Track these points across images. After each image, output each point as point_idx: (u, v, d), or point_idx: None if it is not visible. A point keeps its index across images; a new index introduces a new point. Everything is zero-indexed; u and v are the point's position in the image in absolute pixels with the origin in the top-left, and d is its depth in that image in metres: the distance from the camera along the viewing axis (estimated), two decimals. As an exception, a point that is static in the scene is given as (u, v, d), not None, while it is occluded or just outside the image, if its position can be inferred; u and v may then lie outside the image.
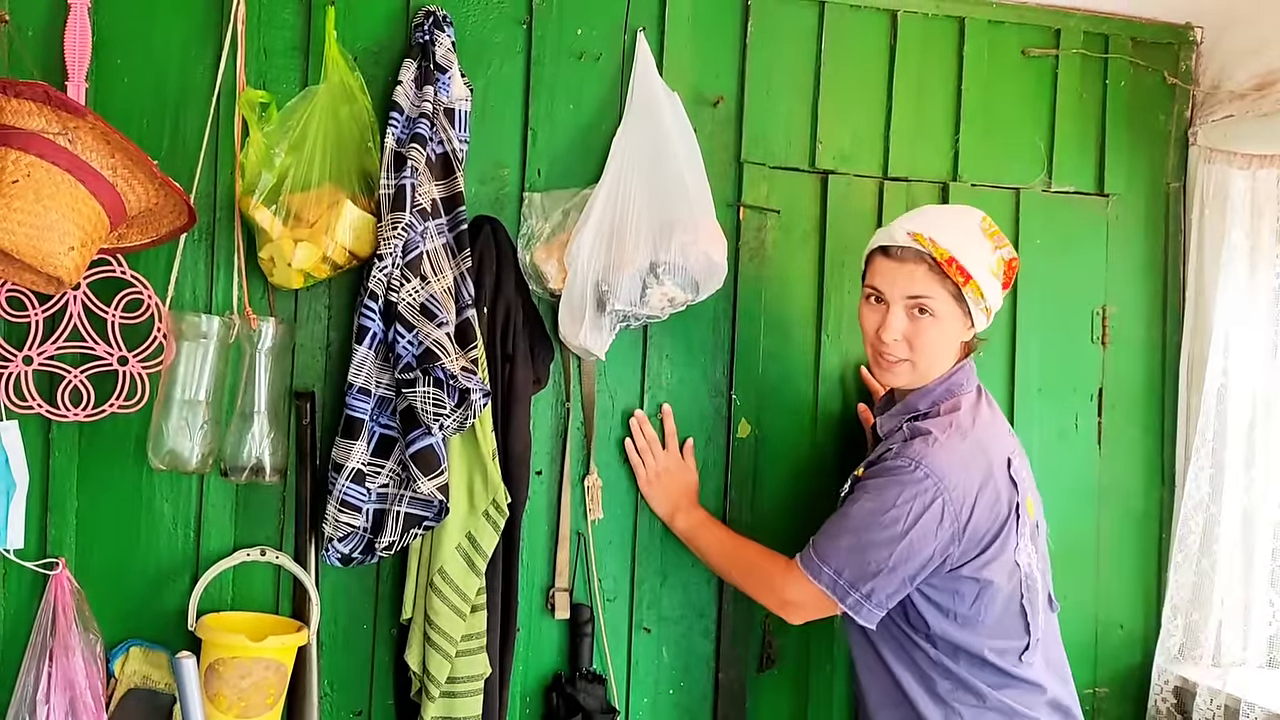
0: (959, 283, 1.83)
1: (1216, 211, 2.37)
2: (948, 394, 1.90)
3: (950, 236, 1.83)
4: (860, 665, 1.98)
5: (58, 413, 1.90)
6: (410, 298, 1.87)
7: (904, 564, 1.78)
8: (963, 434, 1.84)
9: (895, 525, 1.78)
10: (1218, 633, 2.36)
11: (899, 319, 1.86)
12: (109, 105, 1.93)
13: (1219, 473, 2.35)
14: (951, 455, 1.81)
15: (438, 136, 1.96)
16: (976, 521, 1.80)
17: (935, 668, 1.88)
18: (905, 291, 1.85)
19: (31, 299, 1.89)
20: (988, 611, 1.84)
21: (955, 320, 1.87)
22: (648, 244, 2.02)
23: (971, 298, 1.84)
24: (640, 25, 2.15)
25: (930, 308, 1.84)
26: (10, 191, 1.64)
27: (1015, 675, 1.87)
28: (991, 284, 1.86)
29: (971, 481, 1.81)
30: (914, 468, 1.80)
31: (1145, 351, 2.42)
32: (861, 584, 1.81)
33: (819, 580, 1.84)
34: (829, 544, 1.85)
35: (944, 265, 1.82)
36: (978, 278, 1.83)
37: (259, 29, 2.00)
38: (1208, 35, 2.43)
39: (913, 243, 1.83)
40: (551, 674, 2.15)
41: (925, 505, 1.77)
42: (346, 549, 1.92)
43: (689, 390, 2.20)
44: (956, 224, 1.86)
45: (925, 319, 1.85)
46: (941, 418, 1.86)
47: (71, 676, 1.85)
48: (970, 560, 1.81)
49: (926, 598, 1.85)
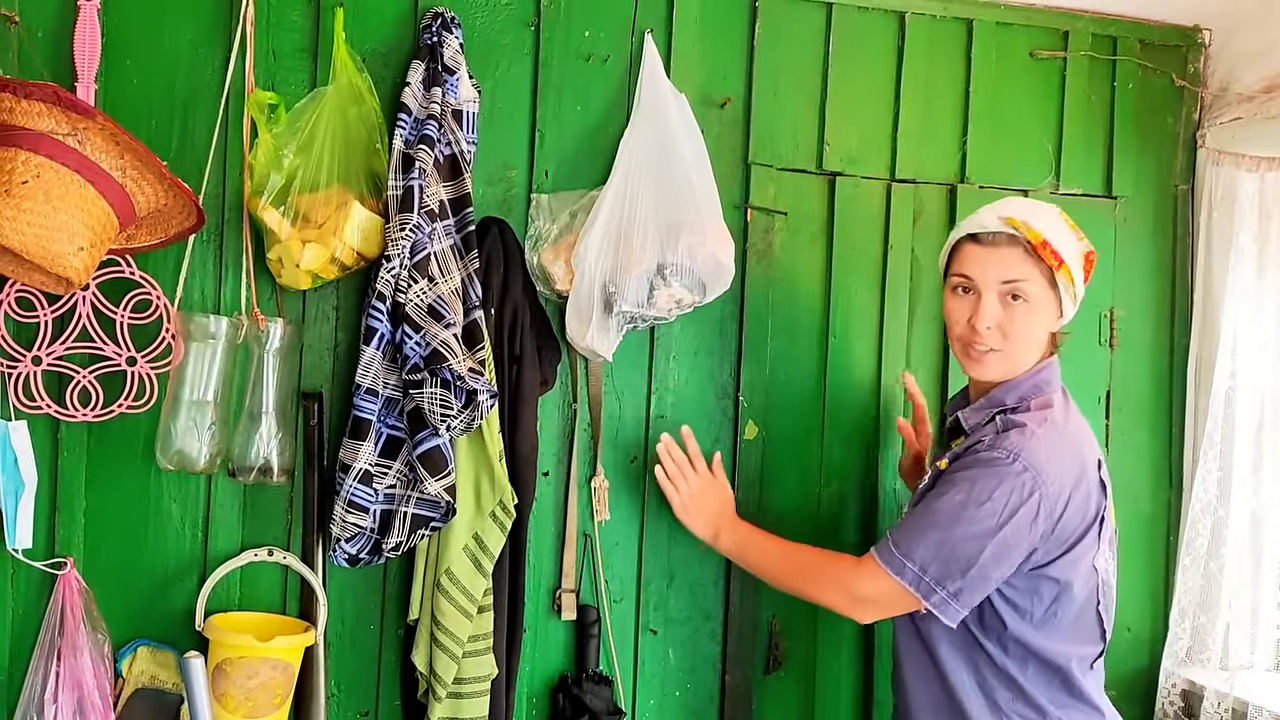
0: (1053, 266, 1.79)
1: (1225, 214, 2.36)
2: (1036, 390, 1.83)
3: (1042, 222, 1.80)
4: (908, 667, 1.90)
5: (66, 413, 1.90)
6: (418, 299, 1.87)
7: (995, 560, 1.71)
8: (1058, 430, 1.78)
9: (990, 519, 1.70)
10: (1225, 635, 2.35)
11: (993, 306, 1.81)
12: (118, 106, 1.93)
13: (1227, 475, 2.34)
14: (1050, 450, 1.74)
15: (446, 138, 1.96)
16: (1067, 520, 1.75)
17: (999, 675, 1.81)
18: (1000, 276, 1.80)
19: (41, 299, 1.89)
20: (1064, 614, 1.79)
21: (1048, 307, 1.82)
22: (655, 245, 2.03)
23: (1063, 283, 1.80)
24: (648, 27, 2.16)
25: (1025, 292, 1.80)
26: (20, 192, 1.64)
27: (1080, 693, 1.81)
28: (1079, 273, 1.83)
29: (1067, 478, 1.75)
30: (1011, 460, 1.72)
31: (1153, 354, 2.41)
32: (949, 581, 1.73)
33: (901, 576, 1.74)
34: (913, 537, 1.75)
35: (1039, 249, 1.78)
36: (1070, 262, 1.80)
37: (268, 30, 2.00)
38: (1216, 37, 2.43)
39: (1006, 227, 1.80)
40: (558, 675, 2.15)
41: (1022, 499, 1.70)
42: (354, 549, 1.92)
43: (696, 392, 2.20)
44: (1043, 213, 1.83)
45: (1019, 305, 1.80)
46: (1034, 412, 1.79)
47: (79, 676, 1.86)
48: (1054, 560, 1.76)
49: (1005, 598, 1.78)
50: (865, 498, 2.26)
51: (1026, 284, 1.80)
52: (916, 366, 2.28)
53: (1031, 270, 1.80)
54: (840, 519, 2.25)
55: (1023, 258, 1.80)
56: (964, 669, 1.83)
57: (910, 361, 2.28)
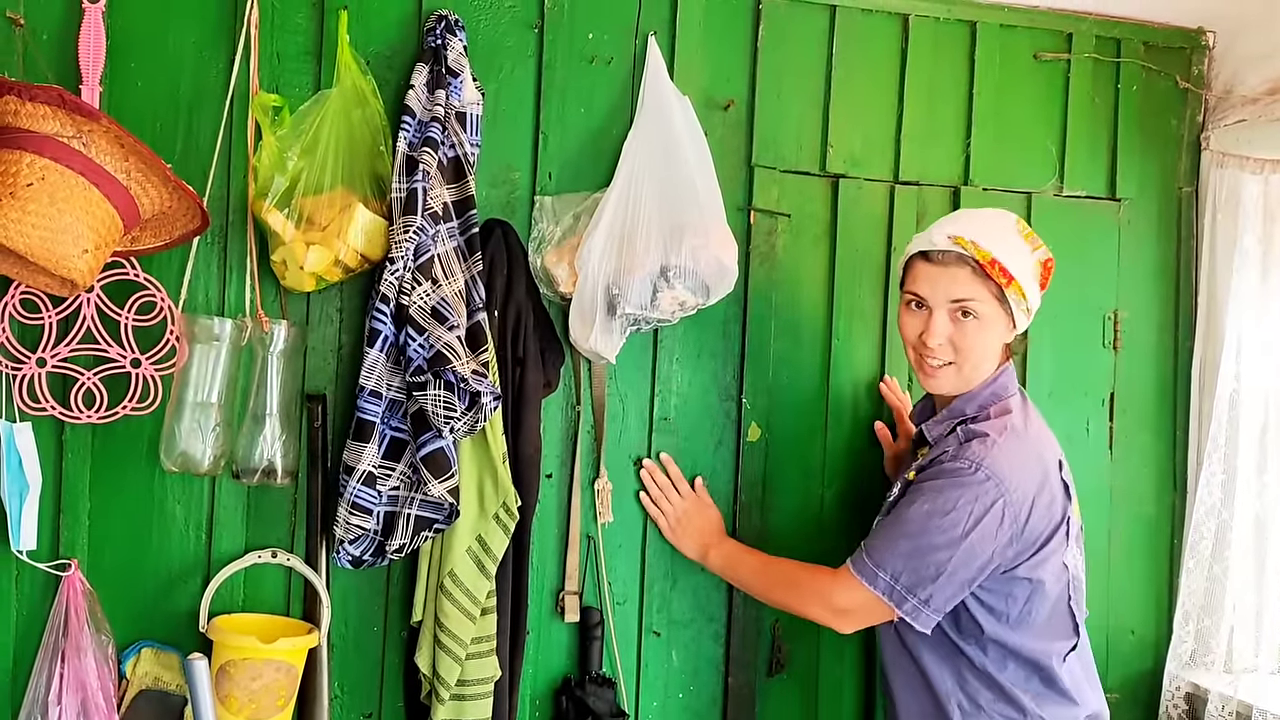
0: (1001, 284, 1.82)
1: (1229, 216, 2.36)
2: (994, 398, 1.88)
3: (990, 239, 1.82)
4: (894, 675, 1.94)
5: (71, 414, 1.91)
6: (421, 301, 1.87)
7: (963, 567, 1.75)
8: (1019, 437, 1.83)
9: (955, 528, 1.75)
10: (1229, 639, 2.35)
11: (943, 323, 1.85)
12: (123, 109, 1.94)
13: (1231, 478, 2.34)
14: (1011, 457, 1.79)
15: (449, 140, 1.96)
16: (1034, 524, 1.78)
17: (981, 676, 1.85)
18: (949, 295, 1.84)
19: (45, 301, 1.90)
20: (1038, 612, 1.83)
21: (998, 322, 1.85)
22: (658, 248, 2.03)
23: (1014, 299, 1.83)
24: (651, 29, 2.16)
25: (974, 310, 1.83)
26: (25, 195, 1.65)
27: (1056, 685, 1.85)
28: (1031, 285, 1.85)
29: (1030, 483, 1.79)
30: (974, 469, 1.76)
31: (1157, 356, 2.41)
32: (920, 589, 1.77)
33: (874, 586, 1.79)
34: (884, 547, 1.80)
35: (986, 268, 1.81)
36: (1019, 279, 1.83)
37: (272, 33, 2.01)
38: (1220, 40, 2.43)
39: (954, 246, 1.83)
40: (561, 677, 2.15)
41: (986, 507, 1.75)
42: (357, 551, 1.92)
43: (699, 394, 2.20)
44: (995, 226, 1.86)
45: (969, 322, 1.84)
46: (994, 420, 1.84)
47: (83, 677, 1.86)
48: (1024, 561, 1.79)
49: (980, 601, 1.82)
50: (868, 499, 2.26)
51: (975, 303, 1.83)
52: (920, 369, 2.28)
53: (980, 289, 1.83)
54: (843, 520, 2.25)
55: (971, 277, 1.83)
56: (947, 675, 1.87)
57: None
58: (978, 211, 1.99)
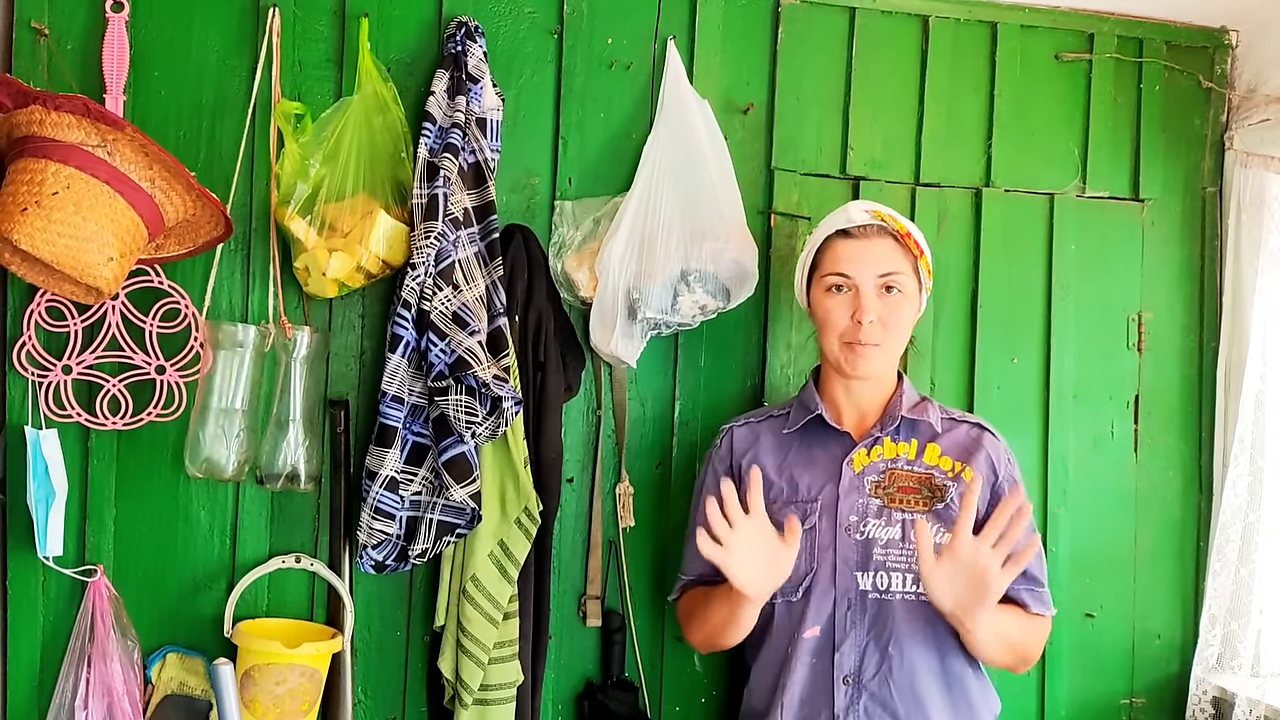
0: (916, 256, 1.86)
1: (1253, 216, 2.34)
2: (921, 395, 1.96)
3: (899, 217, 1.89)
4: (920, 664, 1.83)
5: (96, 421, 1.92)
6: (442, 306, 1.88)
7: None
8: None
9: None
10: (1257, 642, 2.33)
11: (873, 299, 1.83)
12: (146, 118, 1.95)
13: (1257, 480, 2.32)
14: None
15: (470, 146, 1.97)
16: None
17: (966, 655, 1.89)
18: (876, 270, 1.84)
19: (71, 309, 1.91)
20: None
21: (915, 297, 1.89)
22: (679, 251, 2.03)
23: (924, 273, 1.89)
24: (670, 33, 2.16)
25: (899, 284, 1.85)
26: (50, 203, 1.66)
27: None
28: (928, 266, 1.92)
29: None
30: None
31: (1182, 358, 2.39)
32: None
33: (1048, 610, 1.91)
34: (1040, 566, 1.90)
35: (904, 240, 1.85)
36: (927, 255, 1.89)
37: (294, 41, 2.02)
38: (1243, 39, 2.41)
39: (874, 220, 1.86)
40: (583, 682, 2.15)
41: None
42: (380, 556, 1.93)
43: (720, 398, 2.19)
44: (895, 209, 1.94)
45: (895, 296, 1.85)
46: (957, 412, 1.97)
47: (109, 682, 1.87)
48: None
49: None
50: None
51: (900, 275, 1.85)
52: (941, 369, 2.27)
53: (902, 262, 1.86)
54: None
55: (894, 248, 1.86)
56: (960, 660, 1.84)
57: (935, 364, 2.26)
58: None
